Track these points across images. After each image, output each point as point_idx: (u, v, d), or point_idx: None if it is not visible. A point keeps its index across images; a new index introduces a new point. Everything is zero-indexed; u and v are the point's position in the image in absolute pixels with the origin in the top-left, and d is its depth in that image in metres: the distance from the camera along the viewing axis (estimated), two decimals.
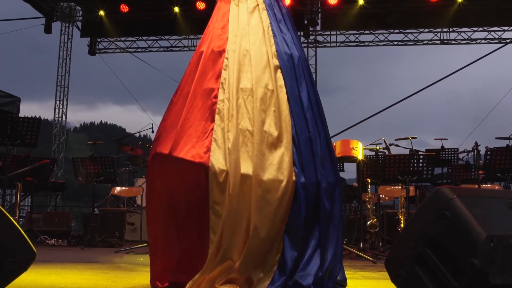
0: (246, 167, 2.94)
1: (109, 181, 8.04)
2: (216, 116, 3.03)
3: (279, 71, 3.17)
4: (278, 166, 2.97)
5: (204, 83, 3.15)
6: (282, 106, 3.10)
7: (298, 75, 3.25)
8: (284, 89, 3.14)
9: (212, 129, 3.01)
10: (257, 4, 3.35)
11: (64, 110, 14.67)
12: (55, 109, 14.62)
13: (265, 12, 3.32)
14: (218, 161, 2.93)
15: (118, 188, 8.63)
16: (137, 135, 12.01)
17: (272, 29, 3.28)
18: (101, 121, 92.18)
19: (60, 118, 14.66)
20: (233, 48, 3.19)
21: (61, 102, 14.62)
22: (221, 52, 3.20)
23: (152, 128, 10.33)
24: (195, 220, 2.98)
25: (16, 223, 2.58)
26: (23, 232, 2.56)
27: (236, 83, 3.09)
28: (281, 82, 3.16)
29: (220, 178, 2.90)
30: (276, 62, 3.18)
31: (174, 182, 3.06)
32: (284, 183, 2.94)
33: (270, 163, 2.97)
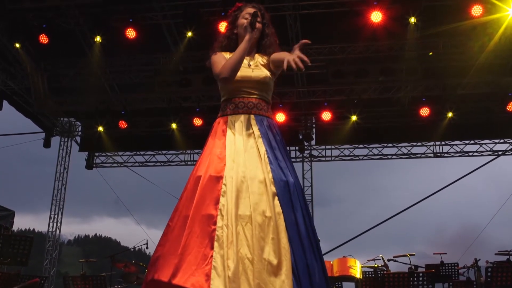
0: None
1: None
2: (215, 243, 2.98)
3: (276, 198, 3.17)
4: None
5: (202, 209, 3.13)
6: (281, 233, 3.07)
7: (294, 202, 3.23)
8: (282, 216, 3.12)
9: (212, 256, 2.95)
10: (253, 132, 3.40)
11: (59, 224, 14.52)
12: (49, 223, 14.48)
13: (261, 140, 3.36)
14: None
15: None
16: (132, 249, 11.82)
17: (268, 157, 3.31)
18: (96, 234, 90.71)
19: (53, 232, 14.46)
20: (230, 174, 3.18)
21: (56, 216, 14.50)
22: (218, 178, 3.19)
23: (147, 243, 10.20)
24: None
25: None
26: None
27: (234, 210, 3.06)
28: (278, 209, 3.14)
29: None
30: (273, 189, 3.19)
31: None
32: None
33: None
